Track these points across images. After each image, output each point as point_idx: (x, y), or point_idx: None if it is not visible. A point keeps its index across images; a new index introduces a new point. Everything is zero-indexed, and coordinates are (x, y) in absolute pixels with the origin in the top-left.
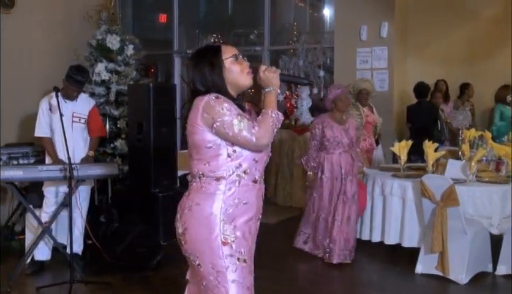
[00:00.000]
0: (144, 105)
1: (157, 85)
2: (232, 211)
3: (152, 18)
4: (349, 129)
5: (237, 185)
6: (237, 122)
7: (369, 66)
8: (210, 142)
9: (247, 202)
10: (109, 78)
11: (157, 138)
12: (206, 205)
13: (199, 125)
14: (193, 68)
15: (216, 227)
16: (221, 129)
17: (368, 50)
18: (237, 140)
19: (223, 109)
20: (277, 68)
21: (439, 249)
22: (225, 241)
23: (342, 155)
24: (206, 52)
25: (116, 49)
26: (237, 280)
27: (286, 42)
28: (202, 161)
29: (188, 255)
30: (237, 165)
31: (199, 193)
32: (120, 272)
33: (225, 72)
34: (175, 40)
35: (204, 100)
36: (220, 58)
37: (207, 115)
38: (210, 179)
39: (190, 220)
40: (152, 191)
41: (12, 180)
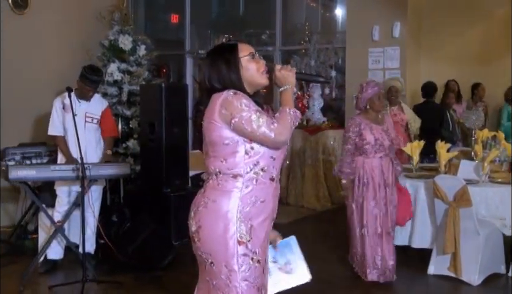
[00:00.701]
0: (156, 105)
1: (169, 85)
2: (249, 210)
3: (164, 18)
4: (388, 130)
5: (254, 183)
6: (256, 118)
7: (381, 66)
8: (227, 139)
9: (264, 200)
10: (122, 78)
11: (169, 138)
12: (222, 202)
13: (217, 122)
14: (209, 66)
15: (232, 226)
16: (239, 125)
17: (380, 50)
18: (255, 136)
19: (241, 105)
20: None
21: (451, 250)
22: (241, 240)
23: (383, 160)
24: (223, 50)
25: (128, 49)
26: (249, 280)
27: (298, 42)
28: (219, 158)
29: (201, 253)
30: (254, 162)
31: (215, 190)
32: (132, 272)
33: (242, 70)
34: (187, 40)
35: (222, 96)
36: (237, 56)
37: (225, 111)
38: (227, 177)
39: (205, 217)
40: (164, 191)
41: (25, 180)
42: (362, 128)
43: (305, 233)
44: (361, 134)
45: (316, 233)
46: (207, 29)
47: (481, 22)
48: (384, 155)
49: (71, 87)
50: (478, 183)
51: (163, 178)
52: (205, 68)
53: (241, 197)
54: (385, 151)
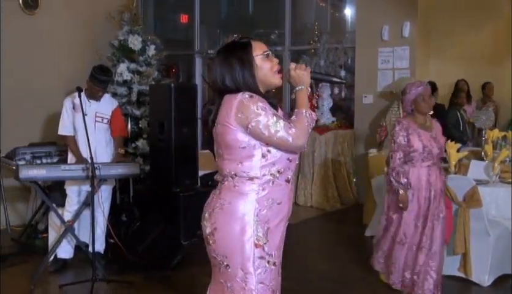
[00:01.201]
0: (165, 105)
1: (179, 85)
2: (265, 212)
3: (173, 18)
4: (437, 136)
5: (271, 185)
6: (273, 122)
7: (391, 66)
8: (243, 142)
9: (280, 202)
10: (131, 78)
11: (178, 138)
12: (239, 205)
13: (233, 125)
14: (221, 65)
15: (249, 228)
16: (256, 130)
17: (390, 50)
18: (272, 141)
19: (258, 109)
20: None
21: (461, 251)
22: (258, 243)
23: (431, 169)
24: (236, 48)
25: (138, 49)
26: (264, 283)
27: (308, 42)
28: (235, 161)
29: (216, 255)
30: (271, 164)
31: (231, 192)
32: (141, 271)
33: (256, 69)
34: (196, 40)
35: (238, 99)
36: (251, 55)
37: (241, 115)
38: (244, 179)
39: (221, 219)
40: (173, 191)
41: (35, 180)
42: (410, 133)
43: (315, 233)
44: (408, 140)
45: (325, 233)
46: (217, 28)
47: (491, 21)
48: (432, 164)
49: (82, 87)
50: (488, 183)
51: (172, 178)
52: (217, 66)
53: (258, 199)
54: (433, 160)
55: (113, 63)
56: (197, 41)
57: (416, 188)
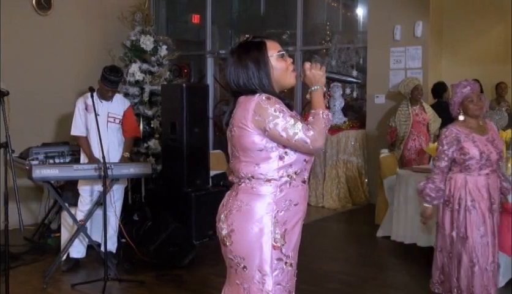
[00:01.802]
0: (177, 105)
1: (190, 85)
2: (283, 214)
3: (185, 18)
4: (495, 139)
5: (288, 186)
6: (292, 124)
7: (403, 66)
8: (261, 145)
9: (297, 203)
10: (143, 79)
11: (189, 137)
12: (257, 206)
13: (250, 128)
14: (235, 65)
15: (267, 230)
16: (274, 132)
17: (402, 50)
18: (290, 143)
19: (275, 111)
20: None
21: None
22: (276, 245)
23: (490, 177)
24: (250, 48)
25: (150, 50)
26: (281, 284)
27: (319, 42)
28: (252, 163)
29: (233, 257)
30: (288, 166)
31: (249, 194)
32: (153, 271)
33: (271, 70)
34: (208, 41)
35: (255, 101)
36: (266, 55)
37: (259, 117)
38: (261, 181)
39: (239, 220)
40: (184, 190)
41: (48, 179)
42: (463, 140)
43: (326, 233)
44: (462, 147)
45: (337, 234)
46: (228, 29)
47: (503, 20)
48: (491, 172)
49: (94, 87)
50: None
51: (184, 178)
52: (231, 66)
53: (276, 201)
54: (492, 166)
55: (125, 63)
56: (209, 42)
57: (477, 200)
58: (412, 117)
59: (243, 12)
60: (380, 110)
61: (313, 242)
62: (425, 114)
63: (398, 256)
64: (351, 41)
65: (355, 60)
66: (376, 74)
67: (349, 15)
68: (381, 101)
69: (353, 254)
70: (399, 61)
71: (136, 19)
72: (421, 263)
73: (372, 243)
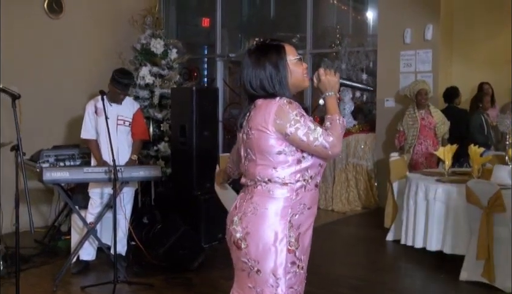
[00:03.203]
0: (187, 108)
1: (200, 88)
2: (298, 217)
3: (195, 22)
4: None
5: (303, 190)
6: (312, 130)
7: (413, 69)
8: (280, 148)
9: (310, 207)
10: (153, 82)
11: (199, 141)
12: (273, 210)
13: (270, 131)
14: (254, 67)
15: (283, 234)
16: (295, 136)
17: (412, 53)
18: (310, 148)
19: (297, 116)
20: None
21: (484, 256)
22: (290, 248)
23: None
24: (270, 50)
25: (160, 53)
26: (293, 287)
27: (329, 45)
28: (269, 167)
29: (247, 259)
30: (304, 170)
31: (265, 197)
32: (162, 274)
33: (289, 74)
34: (218, 44)
35: (277, 105)
36: (285, 59)
37: (280, 121)
38: (278, 184)
39: (255, 223)
40: (194, 194)
41: (59, 182)
42: None
43: (335, 237)
44: None
45: (346, 237)
46: (238, 32)
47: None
48: None
49: (104, 90)
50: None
51: (193, 181)
52: (248, 68)
53: (292, 205)
54: None
55: (135, 66)
56: (219, 45)
57: None
58: (419, 121)
59: (253, 15)
60: (389, 114)
61: (322, 246)
62: (431, 117)
63: (408, 261)
64: (361, 45)
65: (365, 63)
66: (386, 77)
67: (359, 18)
68: (391, 105)
69: (362, 258)
70: (409, 64)
71: (147, 23)
72: (430, 267)
73: (382, 247)
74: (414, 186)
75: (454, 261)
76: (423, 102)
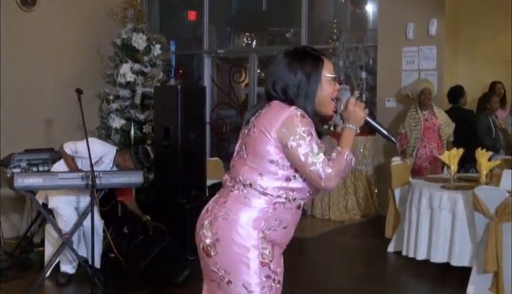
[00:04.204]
0: (171, 109)
1: (186, 87)
2: (270, 233)
3: (180, 15)
4: None
5: (282, 207)
6: (314, 153)
7: (416, 67)
8: (274, 158)
9: (286, 226)
10: (135, 80)
11: (184, 144)
12: (245, 218)
13: (271, 137)
14: (284, 68)
15: (256, 244)
16: (295, 152)
17: (415, 49)
18: (304, 170)
19: (304, 132)
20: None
21: (493, 269)
22: (264, 261)
23: None
24: (306, 58)
25: (142, 49)
26: None
27: (325, 41)
28: (256, 171)
29: (217, 269)
30: (290, 190)
31: (240, 204)
32: (144, 288)
33: (319, 90)
34: (205, 39)
35: (288, 113)
36: (320, 73)
37: (286, 130)
38: (257, 193)
39: (225, 230)
40: (179, 201)
41: (31, 189)
42: None
43: (332, 247)
44: None
45: (344, 248)
46: (227, 26)
47: None
48: None
49: (82, 89)
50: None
51: (178, 188)
52: (277, 66)
53: (266, 217)
54: None
55: (115, 63)
56: (206, 40)
57: None
58: (422, 122)
59: (243, 8)
60: (390, 115)
61: (318, 257)
62: (435, 118)
63: (410, 273)
64: (360, 40)
65: (364, 60)
66: (387, 76)
67: (358, 11)
68: (393, 105)
69: (362, 270)
70: (411, 62)
71: (128, 16)
72: (434, 280)
73: (382, 258)
74: (417, 193)
75: (460, 273)
76: (426, 102)
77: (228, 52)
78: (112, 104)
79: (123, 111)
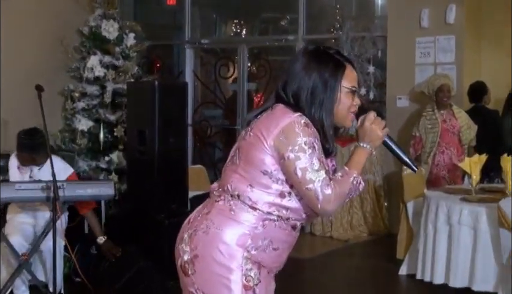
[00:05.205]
0: (147, 109)
1: (164, 83)
2: (257, 253)
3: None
4: None
5: (273, 225)
6: (314, 169)
7: (432, 60)
8: (268, 168)
9: (277, 248)
10: (105, 75)
11: (163, 149)
12: (228, 233)
13: (268, 145)
14: (300, 70)
15: (238, 264)
16: (291, 165)
17: (430, 40)
18: (300, 187)
19: (305, 144)
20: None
21: None
22: (247, 284)
23: None
24: (326, 61)
25: (114, 38)
26: None
27: (327, 30)
28: (247, 181)
29: (194, 290)
30: (284, 208)
31: (224, 217)
32: None
33: (336, 101)
34: (187, 27)
35: (290, 120)
36: (340, 82)
37: (284, 139)
38: (245, 206)
39: (205, 246)
40: (156, 217)
41: None
42: None
43: (335, 270)
44: None
45: (349, 271)
46: (212, 12)
47: None
48: None
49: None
50: None
51: (155, 201)
52: (293, 67)
53: (253, 235)
54: None
55: (82, 55)
56: (188, 29)
57: None
58: (440, 124)
59: None
60: (402, 115)
61: (318, 282)
62: (455, 120)
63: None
64: (367, 29)
65: (372, 52)
66: (398, 70)
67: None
68: (405, 104)
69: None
70: (426, 54)
71: (97, 0)
72: None
73: (393, 283)
74: (433, 207)
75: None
76: (445, 101)
77: (213, 43)
78: (78, 103)
79: (91, 110)
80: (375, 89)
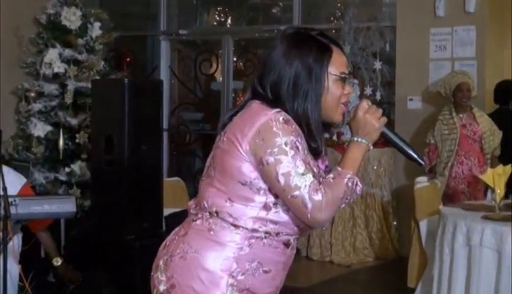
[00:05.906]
0: (115, 111)
1: (135, 81)
2: (244, 279)
3: None
4: None
5: (261, 243)
6: (299, 173)
7: (449, 54)
8: (247, 178)
9: (268, 270)
10: (65, 71)
11: (134, 159)
12: (209, 258)
13: (242, 150)
14: (279, 58)
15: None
16: (271, 171)
17: (447, 31)
18: (285, 196)
19: (286, 145)
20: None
21: None
22: None
23: None
24: (309, 45)
25: (76, 28)
26: None
27: (326, 19)
28: (225, 195)
29: None
30: (271, 222)
31: (202, 238)
32: None
33: (324, 91)
34: (163, 16)
35: (266, 118)
36: (326, 68)
37: (260, 141)
38: (225, 224)
39: (183, 274)
40: (125, 238)
41: None
42: None
43: None
44: None
45: None
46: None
47: None
48: None
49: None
50: None
51: (124, 219)
52: (269, 55)
53: (238, 257)
54: None
55: (39, 48)
56: (164, 18)
57: None
58: (459, 129)
59: None
60: (414, 119)
61: None
62: (476, 125)
63: None
64: (373, 19)
65: (378, 45)
66: (409, 66)
67: None
68: (417, 106)
69: None
70: (442, 48)
71: None
72: None
73: None
74: (450, 226)
75: None
76: (464, 102)
77: (193, 34)
78: (34, 104)
79: (48, 113)
80: (383, 89)
